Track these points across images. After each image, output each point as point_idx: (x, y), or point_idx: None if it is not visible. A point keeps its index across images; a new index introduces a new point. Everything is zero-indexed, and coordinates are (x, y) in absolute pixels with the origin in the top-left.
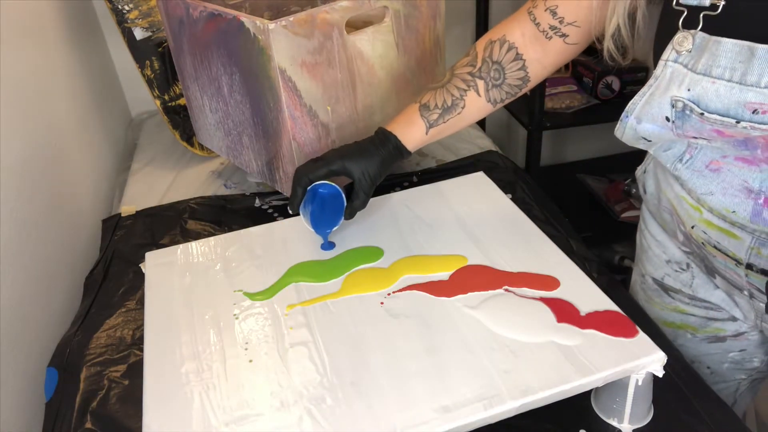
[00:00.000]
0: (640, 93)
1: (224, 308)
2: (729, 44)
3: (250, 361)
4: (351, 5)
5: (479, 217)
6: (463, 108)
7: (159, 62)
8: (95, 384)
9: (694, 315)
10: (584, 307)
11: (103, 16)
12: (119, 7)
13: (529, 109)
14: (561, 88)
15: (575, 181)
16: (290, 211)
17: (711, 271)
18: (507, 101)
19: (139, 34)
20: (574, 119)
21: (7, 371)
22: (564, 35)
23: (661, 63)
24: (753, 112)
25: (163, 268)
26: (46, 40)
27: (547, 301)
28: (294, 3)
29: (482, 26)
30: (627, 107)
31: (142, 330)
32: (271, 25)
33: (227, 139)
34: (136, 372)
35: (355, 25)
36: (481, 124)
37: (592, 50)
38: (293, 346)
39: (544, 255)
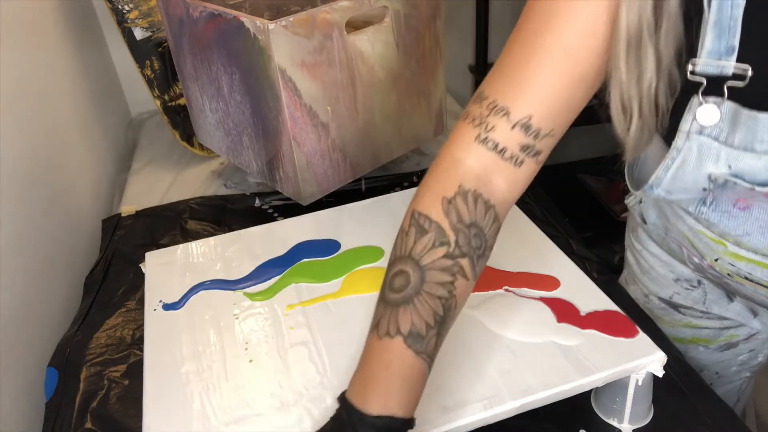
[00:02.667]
0: (663, 167)
1: (224, 308)
2: None
3: (250, 361)
4: (351, 5)
5: None
6: (455, 307)
7: (159, 62)
8: (95, 384)
9: (708, 328)
10: (584, 307)
11: (103, 16)
12: (119, 7)
13: None
14: None
15: (575, 181)
16: None
17: (729, 293)
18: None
19: (139, 34)
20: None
21: (7, 371)
22: (537, 153)
23: (681, 134)
24: None
25: (163, 268)
26: (46, 40)
27: (547, 301)
28: (294, 3)
29: (482, 26)
30: (651, 180)
31: (142, 330)
32: (271, 25)
33: (227, 139)
34: (136, 372)
35: (355, 25)
36: None
37: None
38: (293, 346)
39: (544, 255)
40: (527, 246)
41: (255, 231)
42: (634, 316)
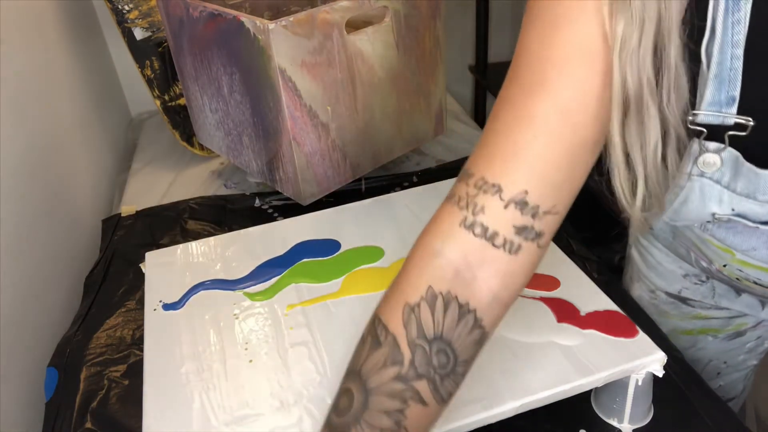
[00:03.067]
0: (666, 200)
1: (224, 308)
2: None
3: (250, 361)
4: (351, 5)
5: None
6: None
7: (159, 62)
8: (95, 384)
9: (717, 317)
10: (584, 307)
11: (103, 16)
12: (119, 7)
13: None
14: None
15: None
16: None
17: (739, 290)
18: (460, 386)
19: (139, 34)
20: None
21: (7, 371)
22: (539, 235)
23: (682, 175)
24: None
25: (163, 268)
26: (46, 40)
27: (547, 301)
28: (294, 3)
29: (482, 26)
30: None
31: (142, 330)
32: (271, 25)
33: (227, 139)
34: (136, 372)
35: (355, 25)
36: (481, 123)
37: None
38: (293, 346)
39: (544, 255)
40: None
41: (255, 231)
42: (633, 316)
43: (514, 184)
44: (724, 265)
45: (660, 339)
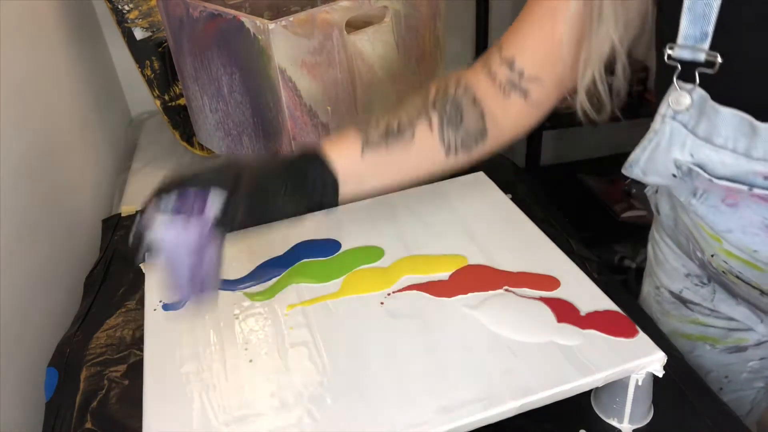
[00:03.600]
0: (641, 146)
1: (224, 308)
2: (728, 115)
3: (250, 361)
4: (351, 5)
5: (479, 217)
6: (412, 137)
7: (159, 62)
8: (95, 384)
9: (715, 327)
10: (584, 307)
11: (103, 16)
12: (119, 7)
13: None
14: None
15: (575, 181)
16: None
17: (732, 293)
18: (460, 156)
19: (139, 34)
20: (574, 119)
21: (7, 371)
22: (525, 93)
23: (658, 117)
24: (765, 179)
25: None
26: (46, 40)
27: (547, 301)
28: (294, 3)
29: (482, 26)
30: (630, 157)
31: (142, 330)
32: (271, 25)
33: (227, 139)
34: (136, 372)
35: (355, 25)
36: None
37: None
38: (293, 346)
39: (544, 255)
40: (527, 246)
41: (255, 231)
42: (633, 315)
43: (509, 48)
44: (713, 255)
45: (660, 339)
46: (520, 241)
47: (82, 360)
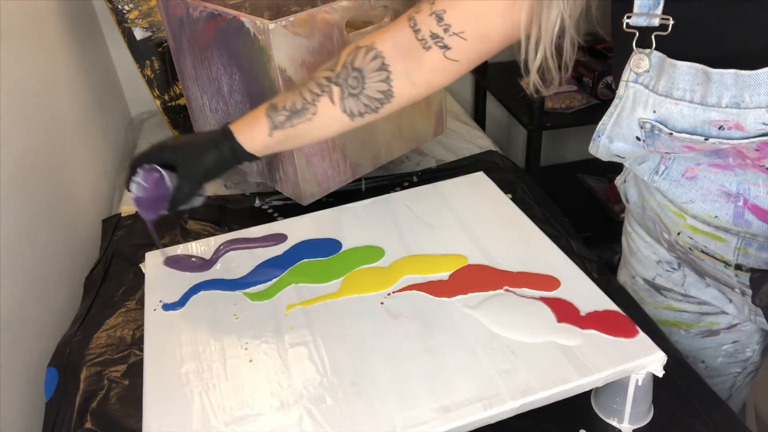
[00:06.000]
0: (607, 113)
1: (224, 308)
2: (684, 67)
3: (250, 361)
4: (351, 5)
5: (479, 217)
6: (314, 114)
7: (159, 62)
8: (95, 384)
9: (687, 311)
10: (584, 307)
11: (103, 16)
12: (119, 7)
13: (529, 109)
14: (561, 88)
15: (575, 181)
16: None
17: (701, 273)
18: (367, 116)
19: (139, 34)
20: (574, 119)
21: (7, 371)
22: (445, 47)
23: (622, 84)
24: (719, 129)
25: (163, 268)
26: (46, 40)
27: (547, 301)
28: (294, 3)
29: None
30: (598, 127)
31: (142, 330)
32: (271, 25)
33: None
34: (136, 372)
35: (355, 25)
36: (481, 124)
37: (592, 50)
38: (293, 346)
39: (544, 255)
40: (527, 246)
41: (255, 231)
42: (633, 315)
43: (441, 3)
44: (678, 233)
45: (660, 339)
46: (520, 241)
47: (82, 360)
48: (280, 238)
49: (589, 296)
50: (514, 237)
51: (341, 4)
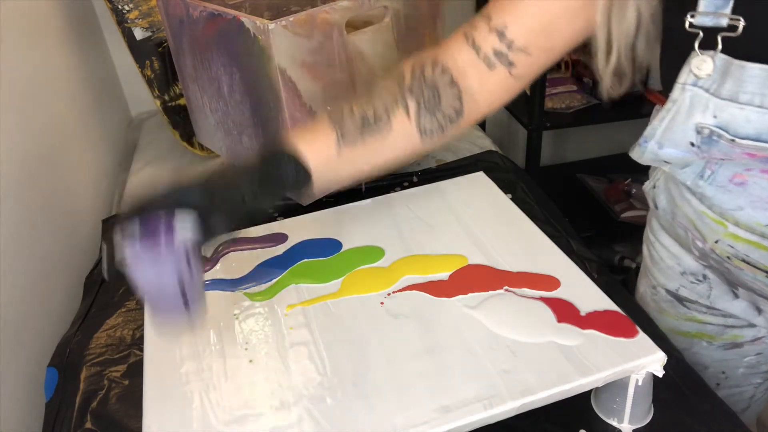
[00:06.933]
0: (659, 118)
1: (224, 308)
2: (755, 69)
3: (250, 361)
4: (351, 5)
5: (479, 217)
6: (389, 127)
7: (159, 62)
8: (95, 384)
9: (712, 324)
10: (584, 307)
11: (103, 16)
12: (119, 7)
13: (529, 109)
14: (561, 88)
15: (575, 181)
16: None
17: (733, 284)
18: (434, 138)
19: (139, 34)
20: (574, 119)
21: (7, 371)
22: (511, 64)
23: (678, 86)
24: None
25: None
26: (46, 40)
27: (548, 301)
28: (294, 3)
29: None
30: (645, 132)
31: (142, 330)
32: (271, 25)
33: (227, 139)
34: (136, 372)
35: (355, 25)
36: (481, 124)
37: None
38: (293, 346)
39: (544, 255)
40: (527, 246)
41: (255, 231)
42: (633, 315)
43: (500, 17)
44: (716, 242)
45: (660, 339)
46: (520, 241)
47: (82, 360)
48: (280, 238)
49: (589, 296)
50: (514, 237)
51: (341, 4)
